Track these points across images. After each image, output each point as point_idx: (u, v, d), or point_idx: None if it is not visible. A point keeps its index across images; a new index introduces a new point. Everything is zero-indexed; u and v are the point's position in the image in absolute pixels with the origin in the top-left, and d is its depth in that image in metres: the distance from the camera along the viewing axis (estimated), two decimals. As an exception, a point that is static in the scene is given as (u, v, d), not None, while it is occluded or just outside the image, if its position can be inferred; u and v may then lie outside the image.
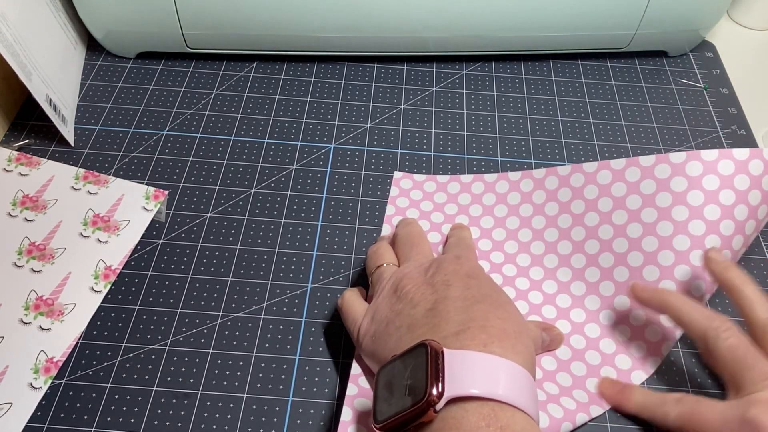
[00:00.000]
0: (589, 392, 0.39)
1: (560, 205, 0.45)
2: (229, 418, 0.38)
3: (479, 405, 0.28)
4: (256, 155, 0.51)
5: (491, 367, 0.29)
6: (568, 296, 0.44)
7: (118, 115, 0.53)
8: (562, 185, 0.45)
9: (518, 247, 0.46)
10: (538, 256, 0.45)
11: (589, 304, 0.43)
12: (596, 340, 0.42)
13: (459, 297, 0.33)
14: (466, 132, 0.54)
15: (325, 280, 0.45)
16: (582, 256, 0.44)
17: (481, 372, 0.29)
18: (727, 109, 0.57)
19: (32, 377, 0.37)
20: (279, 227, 0.47)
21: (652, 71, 0.60)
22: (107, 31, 0.55)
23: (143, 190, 0.44)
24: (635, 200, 0.42)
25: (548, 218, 0.46)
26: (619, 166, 0.43)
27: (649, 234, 0.42)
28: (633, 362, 0.41)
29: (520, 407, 0.29)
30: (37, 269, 0.41)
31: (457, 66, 0.60)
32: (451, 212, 0.48)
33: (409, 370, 0.30)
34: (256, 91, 0.56)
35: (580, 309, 0.43)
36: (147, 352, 0.41)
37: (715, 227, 0.41)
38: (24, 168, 0.45)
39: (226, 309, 0.43)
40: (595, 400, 0.39)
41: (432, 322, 0.33)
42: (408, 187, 0.49)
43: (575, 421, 0.37)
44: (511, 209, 0.47)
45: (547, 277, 0.44)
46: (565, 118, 0.56)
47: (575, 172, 0.45)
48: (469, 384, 0.28)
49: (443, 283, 0.35)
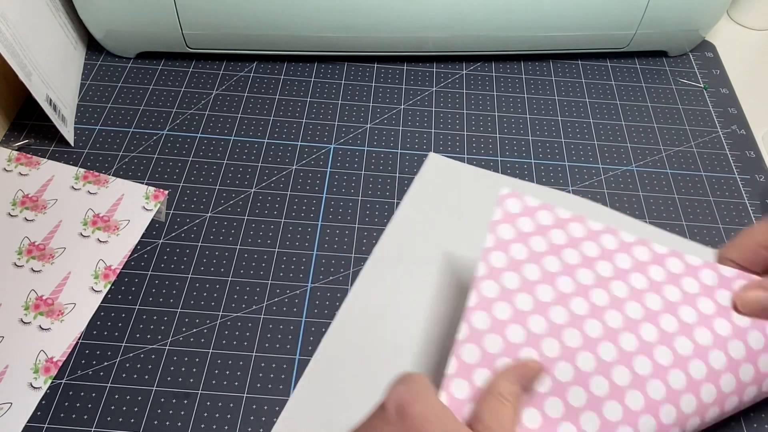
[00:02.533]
0: None
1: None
2: (229, 418, 0.38)
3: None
4: (256, 155, 0.51)
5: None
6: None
7: (118, 115, 0.53)
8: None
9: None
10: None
11: None
12: None
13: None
14: (466, 132, 0.54)
15: (325, 279, 0.45)
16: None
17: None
18: (727, 109, 0.57)
19: (32, 377, 0.37)
20: (279, 227, 0.47)
21: (652, 71, 0.60)
22: (107, 31, 0.55)
23: (143, 190, 0.44)
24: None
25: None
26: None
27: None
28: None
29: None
30: (37, 269, 0.41)
31: (457, 66, 0.60)
32: (572, 261, 0.36)
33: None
34: (256, 91, 0.56)
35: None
36: (147, 352, 0.41)
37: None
38: (24, 168, 0.45)
39: (226, 309, 0.43)
40: None
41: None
42: (515, 212, 0.38)
43: None
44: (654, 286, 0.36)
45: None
46: (565, 118, 0.56)
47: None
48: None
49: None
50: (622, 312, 0.34)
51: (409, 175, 0.51)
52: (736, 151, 0.54)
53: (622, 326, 0.34)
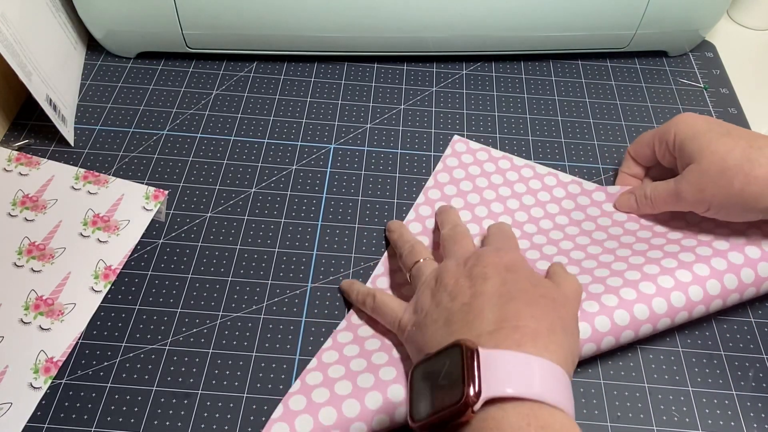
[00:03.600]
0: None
1: (594, 220, 0.48)
2: (229, 418, 0.38)
3: (517, 405, 0.28)
4: (256, 155, 0.51)
5: (526, 366, 0.29)
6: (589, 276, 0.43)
7: (118, 115, 0.53)
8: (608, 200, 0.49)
9: (546, 239, 0.47)
10: (566, 251, 0.46)
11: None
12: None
13: (494, 293, 0.34)
14: (466, 132, 0.54)
15: (325, 279, 0.45)
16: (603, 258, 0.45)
17: (517, 371, 0.29)
18: (727, 109, 0.57)
19: (32, 377, 0.37)
20: (279, 227, 0.47)
21: (652, 71, 0.60)
22: (107, 31, 0.55)
23: (143, 190, 0.44)
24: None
25: (575, 222, 0.48)
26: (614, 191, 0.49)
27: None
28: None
29: (557, 405, 0.29)
30: (37, 269, 0.41)
31: (457, 66, 0.60)
32: (497, 182, 0.50)
33: (444, 370, 0.30)
34: (256, 91, 0.56)
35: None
36: (147, 352, 0.41)
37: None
38: (24, 168, 0.45)
39: (226, 309, 0.43)
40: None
41: (466, 318, 0.33)
42: (461, 150, 0.52)
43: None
44: (554, 198, 0.49)
45: (569, 264, 0.44)
46: (565, 118, 0.56)
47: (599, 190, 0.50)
48: (505, 384, 0.29)
49: (481, 276, 0.35)
50: (528, 214, 0.49)
51: (409, 175, 0.51)
52: (736, 151, 0.54)
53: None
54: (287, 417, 0.37)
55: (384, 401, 0.36)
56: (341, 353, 0.40)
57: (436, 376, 0.30)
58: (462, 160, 0.52)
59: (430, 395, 0.30)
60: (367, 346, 0.41)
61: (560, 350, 0.31)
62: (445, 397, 0.29)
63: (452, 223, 0.45)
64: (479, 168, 0.51)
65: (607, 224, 0.48)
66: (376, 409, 0.36)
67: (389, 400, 0.36)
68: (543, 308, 0.33)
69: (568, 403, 0.30)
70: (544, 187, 0.50)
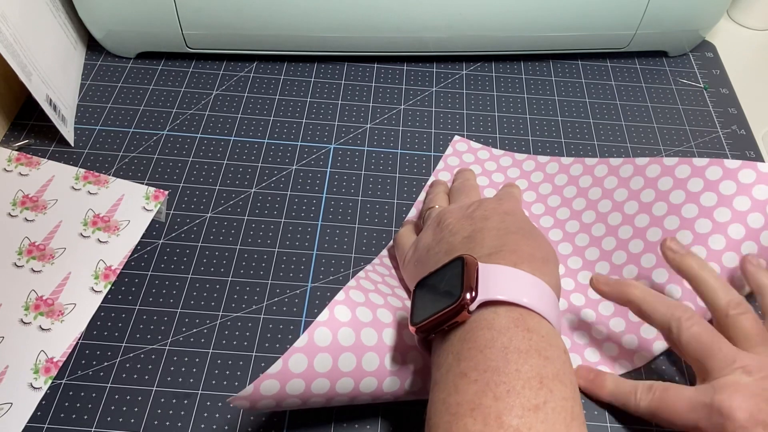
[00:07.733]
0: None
1: (603, 191, 0.47)
2: (229, 417, 0.38)
3: (509, 309, 0.31)
4: (256, 155, 0.51)
5: (520, 279, 0.32)
6: (590, 273, 0.45)
7: (118, 115, 0.53)
8: (611, 173, 0.48)
9: (553, 222, 0.48)
10: (571, 234, 0.47)
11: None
12: (607, 318, 0.43)
13: (494, 228, 0.36)
14: (466, 132, 0.54)
15: (325, 279, 0.45)
16: (613, 239, 0.45)
17: (511, 282, 0.32)
18: (727, 109, 0.57)
19: (32, 377, 0.37)
20: (279, 227, 0.47)
21: (652, 71, 0.60)
22: (107, 31, 0.55)
23: (143, 190, 0.44)
24: (649, 194, 0.45)
25: (588, 202, 0.48)
26: (642, 163, 0.46)
27: (654, 225, 0.44)
28: (638, 342, 0.42)
29: (545, 316, 0.31)
30: (37, 269, 0.41)
31: (457, 66, 0.60)
32: (498, 180, 0.51)
33: (445, 280, 0.33)
34: (256, 91, 0.56)
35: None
36: (147, 352, 0.41)
37: (722, 228, 0.42)
38: (24, 168, 0.45)
39: (226, 309, 0.43)
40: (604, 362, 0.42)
41: (468, 246, 0.36)
42: (462, 150, 0.53)
43: None
44: (556, 189, 0.50)
45: (575, 253, 0.46)
46: (565, 118, 0.56)
47: (626, 164, 0.47)
48: (499, 291, 0.31)
49: (482, 217, 0.38)
50: (530, 212, 0.49)
51: (409, 175, 0.51)
52: (736, 152, 0.54)
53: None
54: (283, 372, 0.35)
55: (379, 365, 0.36)
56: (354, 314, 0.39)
57: (437, 286, 0.33)
58: (463, 159, 0.52)
59: (430, 302, 0.33)
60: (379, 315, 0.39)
61: (552, 278, 0.34)
62: (444, 301, 0.31)
63: (464, 177, 0.47)
64: (480, 167, 0.51)
65: (607, 209, 0.47)
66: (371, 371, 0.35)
67: (383, 366, 0.36)
68: (539, 242, 0.36)
69: (554, 317, 0.32)
70: (546, 178, 0.50)
